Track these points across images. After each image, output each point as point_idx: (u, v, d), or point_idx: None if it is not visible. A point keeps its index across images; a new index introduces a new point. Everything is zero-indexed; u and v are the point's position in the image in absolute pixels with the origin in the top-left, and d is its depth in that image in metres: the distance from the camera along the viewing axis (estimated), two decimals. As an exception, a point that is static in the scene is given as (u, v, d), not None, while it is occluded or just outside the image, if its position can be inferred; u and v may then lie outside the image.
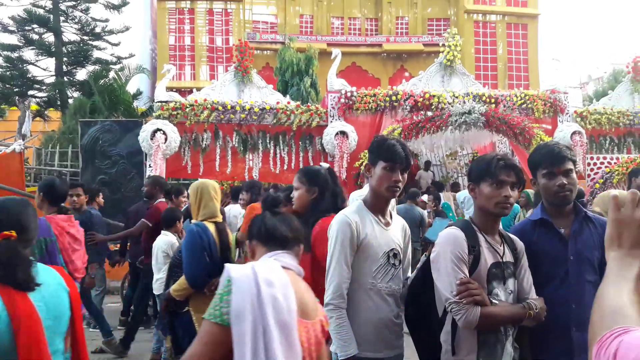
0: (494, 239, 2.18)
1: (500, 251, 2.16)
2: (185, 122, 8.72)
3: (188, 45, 19.57)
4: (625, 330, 0.86)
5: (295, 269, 1.74)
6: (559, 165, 2.24)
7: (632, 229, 1.00)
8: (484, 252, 2.12)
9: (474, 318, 2.00)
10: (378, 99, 9.09)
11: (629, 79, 10.98)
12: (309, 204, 2.78)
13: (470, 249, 2.10)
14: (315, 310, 1.72)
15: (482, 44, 20.80)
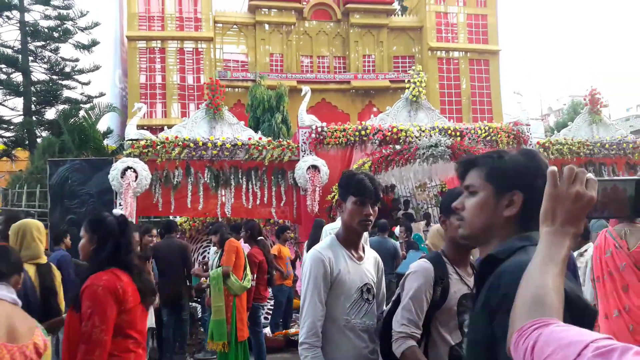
0: (465, 271, 2.23)
1: (470, 283, 2.19)
2: (157, 159, 8.71)
3: (159, 83, 19.67)
4: (545, 323, 0.86)
5: (8, 299, 2.08)
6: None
7: (566, 205, 1.01)
8: (454, 283, 2.17)
9: (398, 349, 2.10)
10: (348, 134, 9.29)
11: (586, 110, 11.48)
12: (91, 254, 2.55)
13: (439, 281, 2.14)
14: (27, 335, 2.00)
15: (446, 80, 21.55)
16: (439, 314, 2.15)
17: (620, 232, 3.86)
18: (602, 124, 11.32)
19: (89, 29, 18.24)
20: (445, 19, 22.18)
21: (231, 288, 5.44)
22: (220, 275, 5.42)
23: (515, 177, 1.34)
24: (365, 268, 2.36)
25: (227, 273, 5.42)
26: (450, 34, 22.13)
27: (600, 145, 10.76)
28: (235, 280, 5.47)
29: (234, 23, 21.32)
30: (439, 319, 2.15)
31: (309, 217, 8.70)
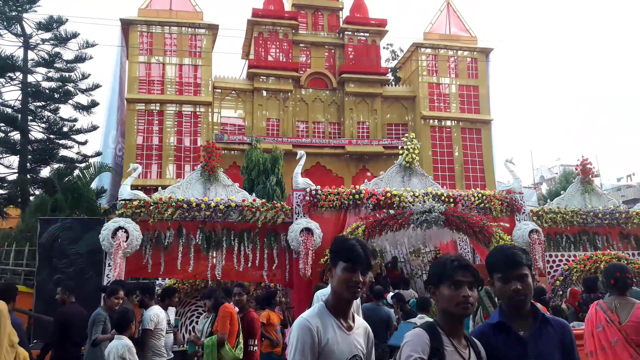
0: (459, 343, 2.17)
1: (465, 355, 2.14)
2: (149, 220, 8.64)
3: (156, 144, 19.90)
4: None
5: None
6: (513, 271, 2.28)
7: None
8: (449, 355, 2.11)
9: None
10: (342, 197, 9.31)
11: (578, 180, 11.63)
12: None
13: (434, 351, 2.08)
14: None
15: (439, 147, 21.95)
16: None
17: (610, 305, 3.78)
18: (594, 194, 11.43)
19: (89, 91, 18.63)
20: (437, 89, 22.94)
21: (224, 357, 5.29)
22: (215, 344, 5.29)
23: None
24: (354, 338, 2.30)
25: (222, 341, 5.30)
26: (443, 103, 22.81)
27: (593, 214, 10.81)
28: (230, 349, 5.33)
29: (233, 89, 21.92)
30: None
31: (301, 280, 8.54)
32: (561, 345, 2.28)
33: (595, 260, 9.52)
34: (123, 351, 5.24)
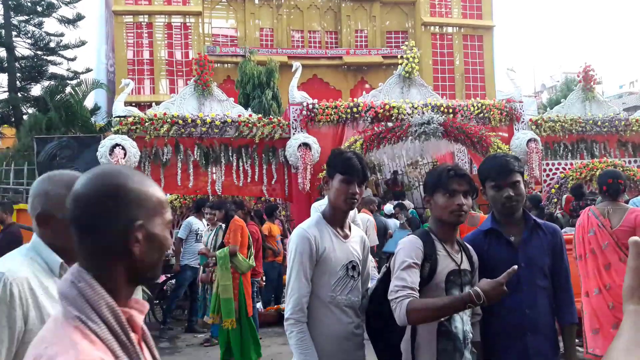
0: (452, 248, 2.24)
1: (457, 259, 2.22)
2: (145, 136, 8.57)
3: (147, 59, 19.32)
4: None
5: None
6: (505, 178, 2.31)
7: None
8: (442, 260, 2.17)
9: (401, 312, 2.01)
10: (340, 111, 9.17)
11: (580, 87, 11.42)
12: None
13: (427, 257, 2.15)
14: None
15: (440, 56, 21.34)
16: (427, 290, 2.14)
17: (603, 211, 3.85)
18: (595, 101, 11.28)
19: (73, 3, 17.82)
20: (438, -7, 21.88)
21: (238, 267, 5.54)
22: (228, 255, 5.49)
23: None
24: (351, 246, 2.39)
25: (234, 252, 5.51)
26: (444, 8, 21.84)
27: (592, 122, 10.74)
28: (243, 259, 5.59)
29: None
30: (427, 295, 2.13)
31: (301, 195, 8.65)
32: (551, 250, 2.35)
33: (592, 168, 9.58)
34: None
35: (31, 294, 1.48)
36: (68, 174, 1.66)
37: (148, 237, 1.07)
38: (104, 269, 1.05)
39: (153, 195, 1.10)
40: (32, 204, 1.60)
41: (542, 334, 2.27)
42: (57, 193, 1.55)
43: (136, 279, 1.10)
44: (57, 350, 0.95)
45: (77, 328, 0.99)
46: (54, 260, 1.57)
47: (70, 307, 1.02)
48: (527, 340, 2.24)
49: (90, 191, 1.06)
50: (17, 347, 1.43)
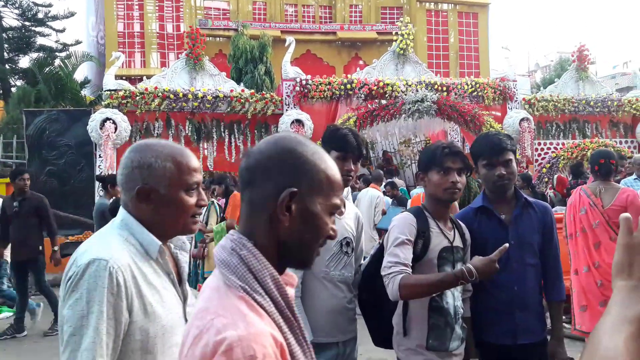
0: (445, 225, 2.26)
1: (450, 236, 2.24)
2: (136, 110, 8.47)
3: (137, 32, 18.96)
4: None
5: None
6: (498, 156, 2.32)
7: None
8: (435, 236, 2.20)
9: (394, 288, 2.03)
10: (333, 87, 9.10)
11: (574, 67, 11.40)
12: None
13: (420, 233, 2.17)
14: None
15: (434, 33, 21.13)
16: (419, 266, 2.16)
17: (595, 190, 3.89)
18: (588, 81, 11.27)
19: (62, -28, 17.41)
20: (434, -32, 21.54)
21: None
22: (225, 230, 5.55)
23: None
24: (345, 222, 2.39)
25: (232, 226, 5.55)
26: (439, -16, 21.55)
27: (585, 102, 10.75)
28: None
29: (216, -32, 20.46)
30: (420, 271, 2.16)
31: (293, 171, 8.64)
32: (541, 228, 2.38)
33: (583, 148, 9.63)
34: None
35: (134, 282, 1.34)
36: (169, 144, 1.50)
37: (301, 211, 1.00)
38: (261, 237, 1.00)
39: (323, 172, 1.03)
40: (130, 176, 1.43)
41: (530, 311, 2.31)
42: (163, 166, 1.41)
43: (285, 255, 1.02)
44: (225, 322, 0.90)
45: (242, 298, 0.94)
46: (152, 242, 1.41)
47: (233, 276, 0.96)
48: (516, 317, 2.28)
49: (263, 149, 1.03)
50: (122, 341, 1.32)
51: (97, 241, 1.40)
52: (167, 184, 1.41)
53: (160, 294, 1.40)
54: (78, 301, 1.29)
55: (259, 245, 0.99)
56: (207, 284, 1.02)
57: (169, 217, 1.44)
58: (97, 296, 1.28)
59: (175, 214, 1.44)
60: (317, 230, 1.02)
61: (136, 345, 1.34)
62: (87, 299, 1.28)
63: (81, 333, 1.27)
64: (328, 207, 1.03)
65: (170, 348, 1.39)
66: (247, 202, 1.03)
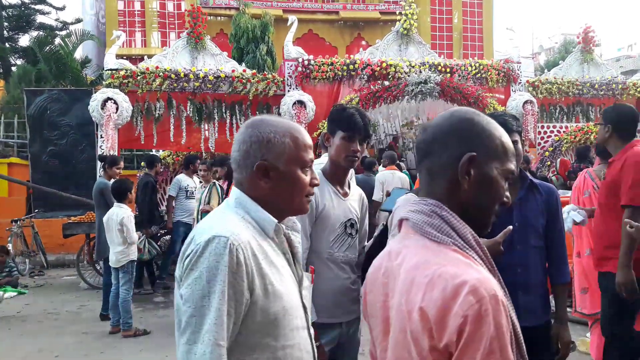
0: None
1: None
2: (137, 90, 8.41)
3: (138, 10, 18.75)
4: None
5: None
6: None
7: None
8: None
9: None
10: (335, 68, 9.01)
11: (579, 49, 11.27)
12: None
13: None
14: None
15: (438, 13, 20.87)
16: None
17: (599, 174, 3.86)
18: (593, 64, 11.16)
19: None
20: (439, -53, 21.17)
21: None
22: None
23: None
24: (349, 204, 2.40)
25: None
26: (444, -36, 21.20)
27: (589, 85, 10.65)
28: None
29: (217, -54, 20.10)
30: None
31: (294, 153, 8.60)
32: (546, 210, 2.35)
33: (586, 131, 9.57)
34: (122, 218, 5.42)
35: (254, 260, 1.28)
36: (284, 120, 1.46)
37: (480, 176, 1.09)
38: (444, 202, 1.09)
39: (498, 139, 1.13)
40: (249, 151, 1.37)
41: (533, 293, 2.30)
42: (282, 141, 1.37)
43: (465, 220, 1.09)
44: (456, 269, 0.99)
45: (456, 251, 1.04)
46: (268, 219, 1.36)
47: (439, 233, 1.06)
48: (519, 299, 2.27)
49: (440, 122, 1.13)
50: (241, 322, 1.27)
51: (215, 219, 1.36)
52: (285, 160, 1.37)
53: (280, 272, 1.35)
54: (197, 280, 1.23)
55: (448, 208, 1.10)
56: (397, 247, 1.13)
57: (285, 195, 1.40)
58: (218, 275, 1.22)
59: (292, 192, 1.40)
60: (494, 194, 1.12)
61: (256, 326, 1.28)
62: (208, 278, 1.22)
63: (202, 314, 1.21)
64: (504, 171, 1.12)
65: (291, 331, 1.34)
66: (427, 171, 1.13)
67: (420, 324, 0.99)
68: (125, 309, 5.41)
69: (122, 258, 5.46)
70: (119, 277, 5.50)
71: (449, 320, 0.96)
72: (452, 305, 0.95)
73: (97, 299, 6.58)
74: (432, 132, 1.13)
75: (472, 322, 0.94)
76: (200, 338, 1.20)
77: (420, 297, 1.00)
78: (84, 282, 7.77)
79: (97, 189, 6.17)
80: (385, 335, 1.10)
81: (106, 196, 5.93)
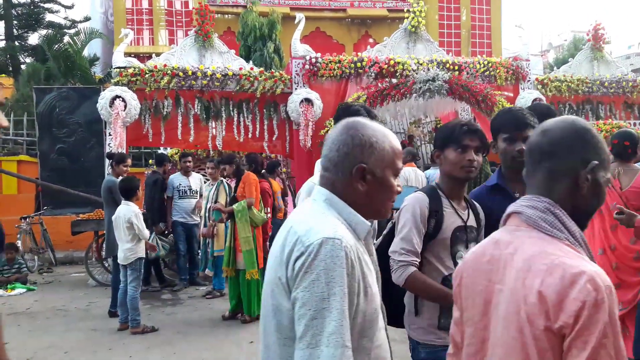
0: (459, 204, 2.23)
1: (464, 216, 2.22)
2: (145, 88, 8.43)
3: (146, 8, 18.80)
4: None
5: None
6: (520, 131, 2.25)
7: None
8: (448, 216, 2.18)
9: (400, 278, 2.12)
10: (343, 66, 8.99)
11: (588, 46, 11.17)
12: None
13: (432, 213, 2.15)
14: None
15: (446, 10, 20.77)
16: (432, 246, 2.16)
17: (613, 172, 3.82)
18: (603, 61, 11.05)
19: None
20: (447, -56, 21.03)
21: (253, 220, 5.71)
22: (245, 208, 5.65)
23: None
24: None
25: (250, 205, 5.67)
26: (452, -40, 21.07)
27: (599, 83, 10.56)
28: (258, 213, 5.77)
29: (225, -56, 20.10)
30: (433, 251, 2.16)
31: (302, 152, 8.60)
32: None
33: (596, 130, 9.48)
34: (130, 216, 5.44)
35: (358, 262, 1.29)
36: (381, 126, 1.47)
37: (594, 182, 1.23)
38: (559, 201, 1.23)
39: (606, 151, 1.27)
40: (350, 154, 1.38)
41: None
42: (382, 147, 1.39)
43: (576, 218, 1.23)
44: (572, 261, 1.12)
45: (569, 246, 1.18)
46: (361, 222, 1.37)
47: (554, 229, 1.20)
48: None
49: (562, 127, 1.27)
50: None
51: (315, 220, 1.33)
52: (383, 166, 1.40)
53: (372, 274, 1.37)
54: (315, 282, 1.22)
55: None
56: (507, 237, 1.27)
57: (377, 199, 1.42)
58: (336, 277, 1.22)
59: (384, 197, 1.43)
60: (601, 200, 1.28)
61: (357, 328, 1.28)
62: (326, 280, 1.21)
63: (323, 316, 1.20)
64: (606, 181, 1.26)
65: (379, 331, 1.37)
66: (548, 171, 1.26)
67: (537, 307, 1.11)
68: (133, 306, 5.43)
69: (131, 255, 5.49)
70: (127, 275, 5.53)
71: (566, 304, 1.08)
72: (570, 291, 1.08)
73: (105, 296, 6.62)
74: (556, 135, 1.25)
75: (590, 307, 1.05)
76: (325, 341, 1.19)
77: (539, 282, 1.12)
78: (92, 279, 7.81)
79: (105, 187, 6.20)
80: (484, 316, 1.25)
81: (114, 193, 5.96)
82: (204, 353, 4.87)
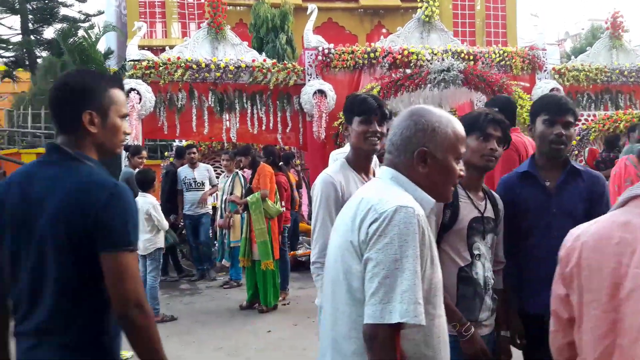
0: (476, 195, 2.20)
1: (481, 207, 2.18)
2: (159, 81, 8.47)
3: (158, 1, 18.85)
4: None
5: None
6: (560, 115, 2.23)
7: None
8: (464, 206, 2.14)
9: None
10: (356, 56, 8.94)
11: (607, 35, 10.97)
12: None
13: (448, 204, 2.10)
14: None
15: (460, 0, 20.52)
16: (448, 236, 2.13)
17: None
18: (622, 50, 10.85)
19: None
20: None
21: (267, 212, 5.75)
22: (259, 200, 5.69)
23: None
24: None
25: (265, 197, 5.71)
26: (467, -51, 20.78)
27: (618, 72, 10.37)
28: (272, 204, 5.80)
29: None
30: (449, 241, 2.13)
31: (315, 143, 8.59)
32: (589, 197, 2.27)
33: (616, 119, 9.31)
34: (147, 207, 5.49)
35: (427, 231, 1.40)
36: (445, 112, 1.54)
37: None
38: None
39: None
40: (413, 138, 1.47)
41: None
42: (445, 132, 1.47)
43: None
44: None
45: None
46: (426, 199, 1.46)
47: None
48: None
49: None
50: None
51: (386, 192, 1.43)
52: (444, 150, 1.47)
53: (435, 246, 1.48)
54: (389, 245, 1.31)
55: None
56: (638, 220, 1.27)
57: (438, 182, 1.49)
58: (410, 240, 1.31)
59: (445, 180, 1.49)
60: None
61: (423, 293, 1.36)
62: (400, 243, 1.31)
63: (396, 275, 1.29)
64: None
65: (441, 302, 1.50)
66: None
67: None
68: (152, 295, 5.49)
69: (150, 246, 5.54)
70: (146, 265, 5.59)
71: None
72: None
73: (123, 286, 6.69)
74: None
75: None
76: (398, 297, 1.27)
77: None
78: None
79: (123, 178, 6.27)
80: (613, 298, 1.23)
81: (132, 185, 6.02)
82: (222, 342, 4.92)
